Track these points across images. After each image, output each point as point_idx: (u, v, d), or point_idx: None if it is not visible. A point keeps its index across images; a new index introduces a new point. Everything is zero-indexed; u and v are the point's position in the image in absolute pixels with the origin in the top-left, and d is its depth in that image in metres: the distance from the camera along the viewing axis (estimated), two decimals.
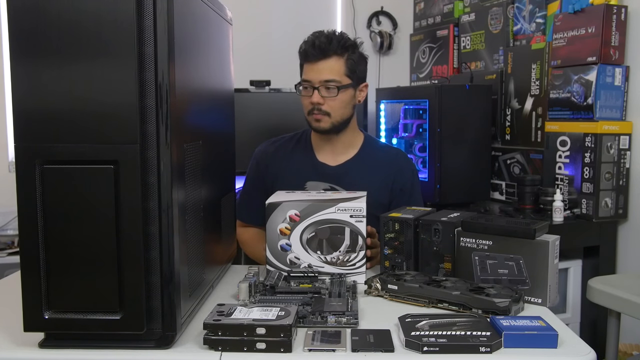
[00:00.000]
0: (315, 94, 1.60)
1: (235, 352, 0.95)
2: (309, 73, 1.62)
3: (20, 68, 0.90)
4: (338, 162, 1.72)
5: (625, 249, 2.25)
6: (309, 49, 1.60)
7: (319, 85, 1.60)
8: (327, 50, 1.59)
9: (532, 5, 2.53)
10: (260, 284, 1.21)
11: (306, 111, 1.65)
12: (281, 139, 1.81)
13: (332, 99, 1.61)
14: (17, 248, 2.80)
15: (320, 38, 1.60)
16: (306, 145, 1.76)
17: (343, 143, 1.72)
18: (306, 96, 1.63)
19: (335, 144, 1.71)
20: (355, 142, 1.74)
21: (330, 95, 1.61)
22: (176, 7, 0.93)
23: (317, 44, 1.59)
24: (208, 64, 1.21)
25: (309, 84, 1.62)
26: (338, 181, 1.69)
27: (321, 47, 1.59)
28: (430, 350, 0.94)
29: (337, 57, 1.61)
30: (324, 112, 1.62)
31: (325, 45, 1.59)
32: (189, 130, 1.06)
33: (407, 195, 1.72)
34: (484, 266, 1.23)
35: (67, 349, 0.96)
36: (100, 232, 0.91)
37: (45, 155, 0.91)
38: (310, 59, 1.61)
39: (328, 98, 1.61)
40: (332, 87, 1.61)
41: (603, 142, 2.14)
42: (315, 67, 1.61)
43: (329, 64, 1.60)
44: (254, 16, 3.21)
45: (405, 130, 2.79)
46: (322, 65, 1.60)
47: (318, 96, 1.60)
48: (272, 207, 1.33)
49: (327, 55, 1.60)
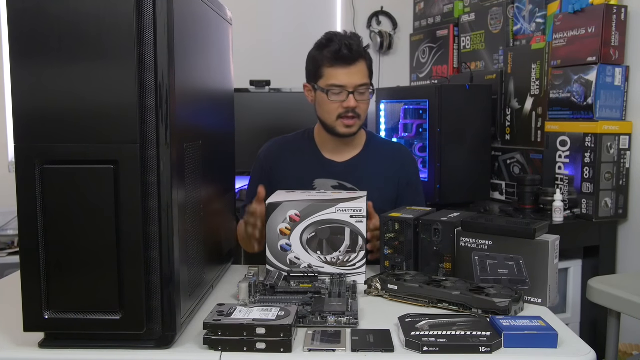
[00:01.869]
0: (351, 99, 1.59)
1: (235, 352, 0.95)
2: (342, 77, 1.59)
3: (20, 68, 0.90)
4: (345, 159, 1.72)
5: (625, 249, 2.25)
6: (344, 52, 1.57)
7: (354, 90, 1.59)
8: (359, 53, 1.60)
9: (532, 5, 2.53)
10: (260, 284, 1.21)
11: (334, 115, 1.62)
12: (283, 139, 1.80)
13: (364, 102, 1.62)
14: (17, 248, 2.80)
15: (351, 41, 1.59)
16: (311, 144, 1.75)
17: (350, 141, 1.72)
18: (337, 101, 1.61)
19: (343, 142, 1.71)
20: (359, 138, 1.74)
21: (364, 99, 1.62)
22: (176, 7, 0.93)
23: (353, 48, 1.58)
24: (208, 64, 1.21)
25: (343, 88, 1.59)
26: (346, 177, 1.69)
27: (355, 50, 1.58)
28: (430, 350, 0.94)
29: (363, 61, 1.62)
30: (357, 114, 1.62)
31: (356, 47, 1.59)
32: (189, 130, 1.06)
33: (413, 189, 1.74)
34: (484, 266, 1.23)
35: (67, 349, 0.96)
36: (100, 232, 0.91)
37: (45, 155, 0.91)
38: (343, 62, 1.58)
39: (361, 101, 1.61)
40: (364, 91, 1.61)
41: (603, 142, 2.14)
42: (349, 71, 1.59)
43: (360, 67, 1.60)
44: (254, 16, 3.21)
45: (405, 130, 2.79)
46: (355, 69, 1.60)
47: (354, 100, 1.59)
48: (272, 207, 1.33)
49: (359, 58, 1.60)
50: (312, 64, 1.66)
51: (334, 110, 1.62)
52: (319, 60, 1.62)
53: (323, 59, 1.61)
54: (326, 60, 1.60)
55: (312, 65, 1.65)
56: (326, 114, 1.64)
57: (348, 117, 1.61)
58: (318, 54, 1.63)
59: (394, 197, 1.71)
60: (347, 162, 1.71)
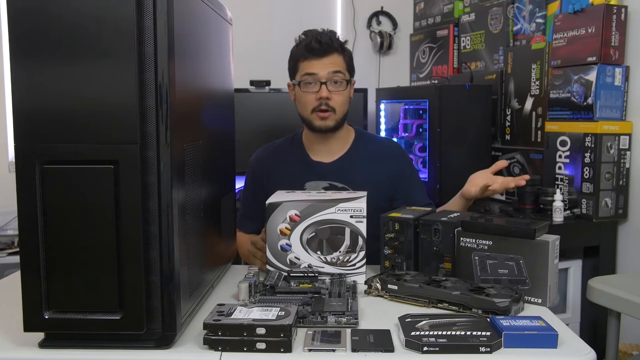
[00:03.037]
0: (323, 89, 1.60)
1: (235, 352, 0.95)
2: (315, 67, 1.61)
3: (20, 68, 0.90)
4: (333, 159, 1.72)
5: (625, 249, 2.25)
6: (314, 45, 1.61)
7: (327, 80, 1.60)
8: (331, 47, 1.62)
9: (532, 5, 2.53)
10: (260, 284, 1.21)
11: (309, 108, 1.63)
12: (272, 144, 1.81)
13: (339, 93, 1.62)
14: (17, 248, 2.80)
15: (322, 35, 1.63)
16: (299, 147, 1.75)
17: (336, 140, 1.72)
18: (310, 92, 1.62)
19: (329, 142, 1.71)
20: (347, 137, 1.75)
21: (338, 89, 1.62)
22: (176, 7, 0.93)
23: (323, 40, 1.61)
24: (208, 64, 1.21)
25: (314, 77, 1.61)
26: (336, 177, 1.69)
27: (327, 43, 1.61)
28: (430, 350, 0.94)
29: (338, 54, 1.64)
30: (331, 107, 1.62)
31: (329, 41, 1.62)
32: (189, 130, 1.06)
33: (407, 181, 1.74)
34: (484, 266, 1.23)
35: (67, 349, 0.96)
36: (100, 232, 0.91)
37: (45, 155, 0.91)
38: (315, 54, 1.61)
39: (335, 93, 1.62)
40: (340, 80, 1.62)
41: (603, 142, 2.14)
42: (321, 61, 1.61)
43: (333, 59, 1.63)
44: (254, 16, 3.21)
45: (405, 130, 2.79)
46: (328, 60, 1.62)
47: (326, 90, 1.60)
48: (272, 207, 1.33)
49: (331, 51, 1.62)
50: (290, 61, 1.70)
51: (309, 103, 1.63)
52: (295, 55, 1.67)
53: (297, 54, 1.65)
54: (300, 54, 1.64)
55: (291, 62, 1.70)
56: (302, 108, 1.66)
57: (321, 109, 1.62)
58: (294, 50, 1.68)
59: (388, 192, 1.71)
60: (335, 162, 1.71)
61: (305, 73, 1.62)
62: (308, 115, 1.65)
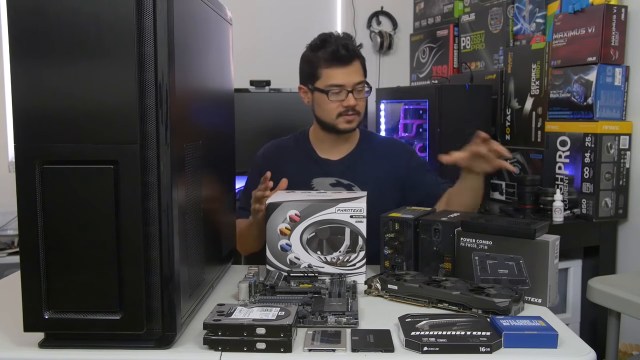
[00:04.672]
0: (350, 97, 1.63)
1: (235, 352, 0.95)
2: (341, 77, 1.63)
3: (20, 68, 0.90)
4: (340, 156, 1.74)
5: (625, 249, 2.25)
6: (341, 52, 1.62)
7: (352, 89, 1.63)
8: (355, 53, 1.64)
9: (532, 5, 2.53)
10: (260, 284, 1.21)
11: (334, 114, 1.65)
12: (280, 141, 1.83)
13: (362, 99, 1.67)
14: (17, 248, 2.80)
15: (347, 41, 1.64)
16: (306, 144, 1.77)
17: (344, 138, 1.74)
18: (337, 100, 1.64)
19: (338, 140, 1.74)
20: (353, 135, 1.77)
21: (361, 97, 1.67)
22: (176, 7, 0.93)
23: (350, 47, 1.63)
24: (208, 64, 1.21)
25: (342, 88, 1.63)
26: (343, 174, 1.71)
27: (350, 50, 1.63)
28: (430, 350, 0.94)
29: (358, 60, 1.66)
30: (357, 112, 1.66)
31: (352, 48, 1.64)
32: (189, 130, 1.06)
33: (415, 171, 1.74)
34: (484, 266, 1.23)
35: (67, 349, 0.96)
36: (100, 232, 0.91)
37: (45, 155, 0.91)
38: (341, 62, 1.62)
39: (359, 99, 1.66)
40: (362, 89, 1.66)
41: (603, 142, 2.14)
42: (346, 70, 1.63)
43: (356, 66, 1.65)
44: (254, 16, 3.21)
45: (405, 130, 2.79)
46: (352, 68, 1.64)
47: (353, 99, 1.64)
48: (272, 207, 1.33)
49: (354, 58, 1.64)
50: (307, 66, 1.69)
51: (334, 110, 1.65)
52: (315, 61, 1.65)
53: (319, 60, 1.64)
54: (323, 61, 1.64)
55: (308, 67, 1.68)
56: (326, 113, 1.67)
57: (349, 115, 1.65)
58: (313, 56, 1.66)
59: (398, 188, 1.71)
60: (342, 159, 1.73)
61: (331, 84, 1.63)
62: (332, 120, 1.67)
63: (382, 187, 1.66)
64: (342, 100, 1.63)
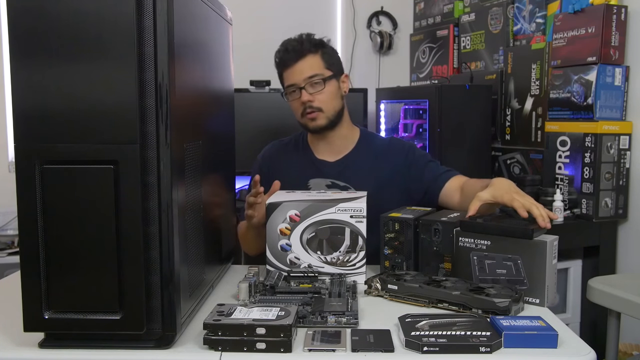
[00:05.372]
0: (303, 93, 1.62)
1: (235, 352, 0.95)
2: (291, 76, 1.64)
3: (20, 68, 0.90)
4: (337, 158, 1.73)
5: (625, 249, 2.25)
6: (284, 55, 1.64)
7: (305, 84, 1.62)
8: (302, 51, 1.64)
9: (532, 5, 2.53)
10: (260, 284, 1.21)
11: (299, 114, 1.67)
12: (280, 141, 1.84)
13: (320, 93, 1.64)
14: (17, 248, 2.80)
15: (291, 42, 1.65)
16: (304, 146, 1.77)
17: (340, 139, 1.72)
18: (295, 99, 1.65)
19: (333, 141, 1.72)
20: (351, 136, 1.75)
21: (317, 90, 1.64)
22: (176, 7, 0.93)
23: (291, 48, 1.64)
24: (208, 64, 1.21)
25: (294, 87, 1.64)
26: (339, 176, 1.70)
27: (295, 49, 1.63)
28: (430, 350, 0.94)
29: (312, 55, 1.65)
30: (316, 108, 1.64)
31: (297, 46, 1.64)
32: (189, 130, 1.06)
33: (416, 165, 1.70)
34: (483, 266, 1.23)
35: (67, 349, 0.96)
36: (100, 232, 0.91)
37: (45, 155, 0.91)
38: (288, 63, 1.64)
39: (316, 93, 1.63)
40: (317, 82, 1.63)
41: (603, 142, 2.14)
42: (294, 69, 1.63)
43: (307, 62, 1.64)
44: (254, 16, 3.20)
45: (405, 130, 2.79)
46: (301, 65, 1.63)
47: (306, 94, 1.62)
48: (272, 207, 1.33)
49: (303, 55, 1.63)
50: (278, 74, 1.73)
51: (297, 110, 1.67)
52: (276, 67, 1.70)
53: (277, 66, 1.69)
54: (278, 66, 1.69)
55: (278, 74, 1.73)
56: (295, 115, 1.70)
57: (307, 112, 1.64)
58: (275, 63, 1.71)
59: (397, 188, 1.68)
60: (338, 161, 1.73)
61: (287, 85, 1.67)
62: (300, 120, 1.69)
63: (382, 187, 1.65)
64: (299, 98, 1.64)
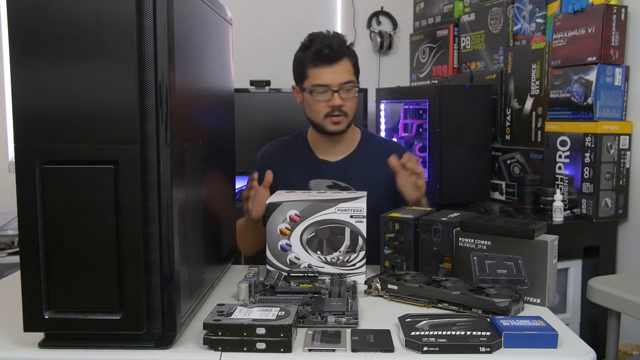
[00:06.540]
0: (336, 97, 1.60)
1: (235, 352, 0.95)
2: (324, 76, 1.60)
3: (20, 68, 0.90)
4: (338, 158, 1.73)
5: (625, 249, 2.25)
6: (325, 51, 1.59)
7: (339, 88, 1.60)
8: (342, 53, 1.61)
9: (532, 5, 2.53)
10: (260, 284, 1.21)
11: (321, 115, 1.64)
12: (279, 141, 1.82)
13: (350, 99, 1.63)
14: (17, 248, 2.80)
15: (332, 40, 1.61)
16: (304, 146, 1.77)
17: (342, 140, 1.73)
18: (322, 100, 1.62)
19: (335, 142, 1.72)
20: (353, 137, 1.76)
21: (350, 96, 1.63)
22: (176, 7, 0.93)
23: (334, 47, 1.60)
24: (208, 64, 1.21)
25: (327, 87, 1.61)
26: (340, 176, 1.70)
27: (337, 49, 1.60)
28: (430, 350, 0.94)
29: (346, 59, 1.63)
30: (344, 112, 1.63)
31: (339, 47, 1.61)
32: (189, 130, 1.06)
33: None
34: (483, 266, 1.23)
35: (67, 349, 0.96)
36: (100, 232, 0.91)
37: (45, 155, 0.91)
38: (325, 61, 1.60)
39: (347, 99, 1.62)
40: (349, 88, 1.62)
41: (603, 142, 2.14)
42: (331, 70, 1.60)
43: (343, 65, 1.62)
44: (254, 16, 3.21)
45: (405, 130, 2.79)
46: (338, 67, 1.61)
47: (339, 99, 1.61)
48: (272, 207, 1.33)
49: (340, 57, 1.61)
50: (297, 66, 1.68)
51: (321, 110, 1.63)
52: (303, 61, 1.64)
53: (306, 60, 1.63)
54: (309, 61, 1.62)
55: (298, 67, 1.68)
56: (314, 114, 1.66)
57: (335, 115, 1.63)
58: (302, 55, 1.65)
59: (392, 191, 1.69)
60: (339, 161, 1.73)
61: (316, 84, 1.61)
62: (320, 121, 1.65)
63: (380, 189, 1.64)
64: (328, 100, 1.61)
